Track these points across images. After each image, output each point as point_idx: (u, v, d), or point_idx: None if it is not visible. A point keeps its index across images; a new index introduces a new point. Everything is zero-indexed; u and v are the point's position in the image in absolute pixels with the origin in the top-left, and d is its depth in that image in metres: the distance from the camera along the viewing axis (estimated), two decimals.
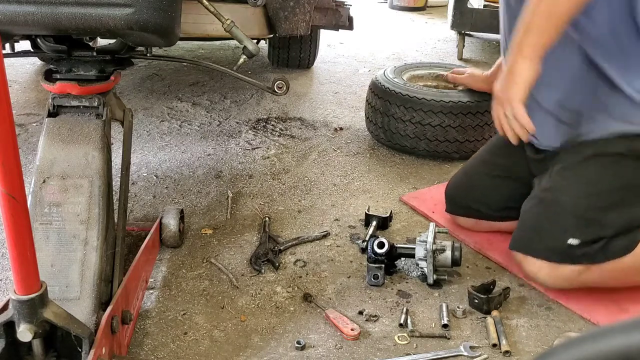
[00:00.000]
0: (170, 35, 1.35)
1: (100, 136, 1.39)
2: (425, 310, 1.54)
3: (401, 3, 5.89)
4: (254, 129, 2.69)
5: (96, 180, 1.35)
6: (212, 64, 1.71)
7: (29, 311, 1.01)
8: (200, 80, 3.32)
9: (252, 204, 2.05)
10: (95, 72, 1.46)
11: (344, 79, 3.55)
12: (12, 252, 0.96)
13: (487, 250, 1.78)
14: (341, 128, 2.76)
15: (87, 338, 1.11)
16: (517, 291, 1.62)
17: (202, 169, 2.29)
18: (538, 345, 1.43)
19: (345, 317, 1.48)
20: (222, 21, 1.51)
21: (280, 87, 1.66)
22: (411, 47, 4.39)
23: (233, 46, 4.06)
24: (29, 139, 2.48)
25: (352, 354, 1.39)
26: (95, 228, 1.31)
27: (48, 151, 1.36)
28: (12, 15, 1.24)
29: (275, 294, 1.59)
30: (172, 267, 1.69)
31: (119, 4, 1.25)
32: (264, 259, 1.70)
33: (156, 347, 1.39)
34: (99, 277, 1.27)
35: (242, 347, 1.40)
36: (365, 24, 4.75)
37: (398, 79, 2.45)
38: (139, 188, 2.13)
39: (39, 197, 1.32)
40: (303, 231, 1.89)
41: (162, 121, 2.74)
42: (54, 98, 1.41)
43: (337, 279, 1.66)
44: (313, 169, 2.33)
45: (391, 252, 1.64)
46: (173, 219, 1.73)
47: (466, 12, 3.87)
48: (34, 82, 3.21)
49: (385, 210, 1.98)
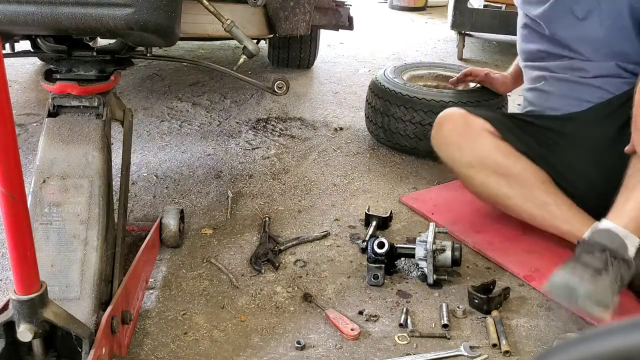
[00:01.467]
0: (170, 35, 1.35)
1: (100, 136, 1.39)
2: (425, 310, 1.54)
3: (401, 3, 5.89)
4: (254, 129, 2.69)
5: (96, 180, 1.35)
6: (212, 64, 1.71)
7: (29, 311, 1.01)
8: (200, 80, 3.32)
9: (252, 204, 2.05)
10: (95, 72, 1.46)
11: (344, 79, 3.55)
12: (12, 252, 0.96)
13: (486, 251, 1.78)
14: (341, 128, 2.76)
15: (87, 338, 1.11)
16: (517, 291, 1.62)
17: (202, 169, 2.29)
18: (538, 345, 1.43)
19: (345, 317, 1.48)
20: (222, 21, 1.51)
21: (280, 87, 1.66)
22: (411, 47, 4.39)
23: (233, 46, 4.06)
24: (29, 139, 2.48)
25: (352, 354, 1.39)
26: (95, 228, 1.31)
27: (48, 151, 1.36)
28: (12, 15, 1.24)
29: (275, 294, 1.59)
30: (172, 267, 1.69)
31: (119, 4, 1.25)
32: (264, 259, 1.71)
33: (156, 347, 1.39)
34: (99, 277, 1.27)
35: (242, 347, 1.40)
36: (365, 24, 4.75)
37: (398, 79, 2.45)
38: (139, 188, 2.13)
39: (39, 197, 1.32)
40: (303, 231, 1.89)
41: (162, 121, 2.74)
42: (54, 98, 1.41)
43: (337, 279, 1.66)
44: (313, 169, 2.33)
45: (391, 252, 1.64)
46: (173, 219, 1.73)
47: (466, 12, 3.87)
48: (34, 82, 3.21)
49: (385, 210, 1.98)
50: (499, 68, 3.83)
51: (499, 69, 2.48)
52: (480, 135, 1.81)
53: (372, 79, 2.53)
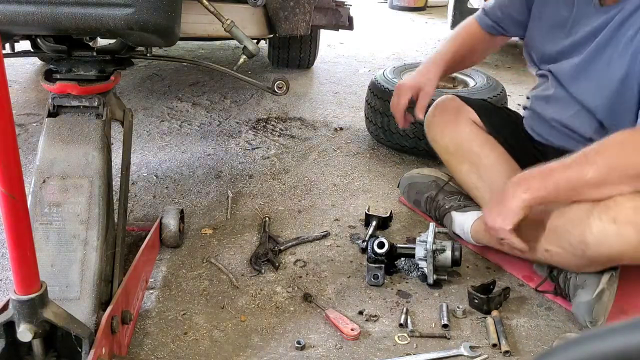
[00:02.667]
0: (170, 35, 1.35)
1: (100, 136, 1.39)
2: (425, 310, 1.54)
3: (401, 3, 5.90)
4: (254, 129, 2.69)
5: (96, 180, 1.35)
6: (212, 64, 1.71)
7: (29, 311, 1.01)
8: (200, 80, 3.32)
9: (252, 204, 2.05)
10: (95, 72, 1.46)
11: (344, 79, 3.55)
12: (12, 252, 0.95)
13: (487, 251, 1.78)
14: (341, 128, 2.76)
15: (87, 338, 1.11)
16: (517, 291, 1.62)
17: (202, 169, 2.29)
18: (538, 345, 1.43)
19: (345, 317, 1.48)
20: (222, 21, 1.51)
21: (280, 87, 1.66)
22: (411, 47, 4.39)
23: (233, 46, 4.06)
24: (29, 139, 2.48)
25: (352, 354, 1.39)
26: (95, 228, 1.31)
27: (48, 151, 1.36)
28: (12, 15, 1.24)
29: (275, 294, 1.59)
30: (172, 267, 1.69)
31: (119, 4, 1.24)
32: (264, 259, 1.70)
33: (156, 347, 1.39)
34: (99, 277, 1.27)
35: (242, 347, 1.40)
36: (365, 24, 4.75)
37: (397, 79, 2.45)
38: (139, 188, 2.13)
39: (39, 197, 1.32)
40: (303, 231, 1.89)
41: (162, 121, 2.74)
42: (54, 98, 1.41)
43: (337, 279, 1.66)
44: (313, 169, 2.33)
45: (391, 252, 1.64)
46: (173, 219, 1.73)
47: (466, 12, 3.88)
48: (34, 82, 3.21)
49: (385, 210, 1.98)
50: (498, 68, 3.84)
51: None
52: (463, 122, 1.84)
53: (372, 79, 2.53)
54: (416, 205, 1.99)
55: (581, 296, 1.44)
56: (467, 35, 1.97)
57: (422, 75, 1.92)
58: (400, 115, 1.93)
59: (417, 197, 1.97)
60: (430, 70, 1.92)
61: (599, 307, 1.42)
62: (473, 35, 1.97)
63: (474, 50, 2.00)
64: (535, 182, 1.43)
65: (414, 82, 1.91)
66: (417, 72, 1.95)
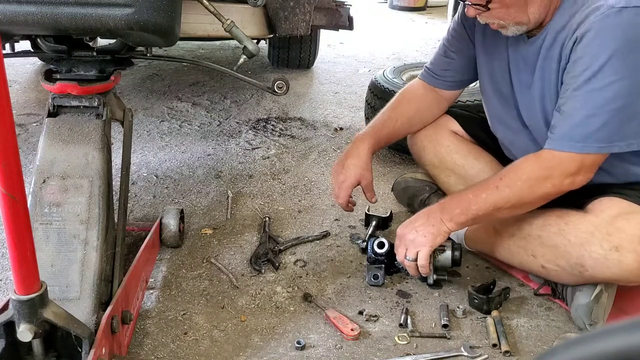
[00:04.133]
0: (170, 35, 1.35)
1: (100, 136, 1.39)
2: (425, 310, 1.54)
3: (401, 3, 5.90)
4: (254, 129, 2.69)
5: (96, 180, 1.34)
6: (212, 64, 1.71)
7: (29, 311, 1.01)
8: (200, 80, 3.32)
9: (252, 204, 2.05)
10: (95, 72, 1.46)
11: (344, 79, 3.55)
12: (12, 252, 0.95)
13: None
14: (341, 128, 2.76)
15: (87, 338, 1.11)
16: (517, 291, 1.62)
17: (202, 169, 2.29)
18: (538, 345, 1.43)
19: (345, 317, 1.48)
20: (222, 21, 1.51)
21: (280, 87, 1.66)
22: (411, 47, 4.39)
23: (233, 46, 4.06)
24: (29, 139, 2.48)
25: (352, 354, 1.39)
26: (95, 228, 1.31)
27: (48, 151, 1.36)
28: (12, 15, 1.24)
29: (275, 294, 1.59)
30: (172, 267, 1.69)
31: (119, 4, 1.24)
32: (264, 259, 1.70)
33: (156, 347, 1.39)
34: (99, 277, 1.27)
35: (242, 347, 1.40)
36: (365, 24, 4.75)
37: (397, 79, 2.45)
38: (139, 188, 2.13)
39: (39, 197, 1.32)
40: (303, 231, 1.89)
41: (162, 121, 2.74)
42: (54, 98, 1.41)
43: (337, 279, 1.66)
44: (313, 169, 2.33)
45: (391, 252, 1.64)
46: (173, 219, 1.73)
47: None
48: (34, 82, 3.21)
49: (385, 210, 1.98)
50: None
51: None
52: (443, 135, 1.85)
53: (372, 79, 2.53)
54: (409, 209, 2.00)
55: (579, 299, 1.44)
56: (407, 98, 1.84)
57: (354, 160, 1.70)
58: (345, 206, 1.75)
59: (410, 201, 1.99)
60: (360, 151, 1.71)
61: (598, 309, 1.42)
62: (415, 95, 1.84)
63: (419, 111, 1.84)
64: (457, 211, 1.48)
65: (351, 177, 1.70)
66: (347, 153, 1.73)
